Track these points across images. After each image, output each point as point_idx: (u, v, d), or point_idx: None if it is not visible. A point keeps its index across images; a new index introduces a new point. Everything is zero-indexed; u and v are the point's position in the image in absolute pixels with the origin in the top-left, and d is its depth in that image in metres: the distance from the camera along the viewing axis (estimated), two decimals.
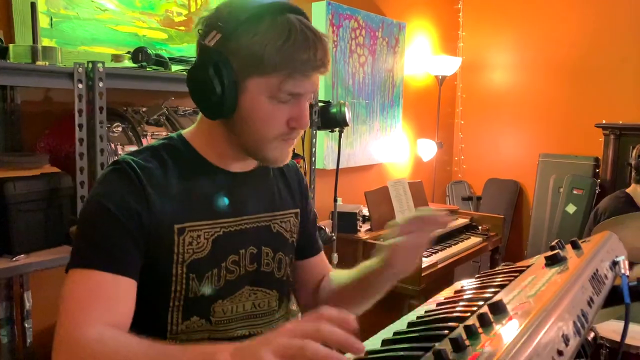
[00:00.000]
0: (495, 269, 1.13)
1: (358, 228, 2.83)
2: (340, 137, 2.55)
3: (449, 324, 0.71)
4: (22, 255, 1.47)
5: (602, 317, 1.37)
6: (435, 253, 2.89)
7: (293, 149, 1.04)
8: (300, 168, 2.36)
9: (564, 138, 4.14)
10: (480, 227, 3.45)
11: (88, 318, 0.80)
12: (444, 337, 0.66)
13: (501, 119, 4.46)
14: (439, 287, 1.18)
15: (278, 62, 0.89)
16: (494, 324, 0.64)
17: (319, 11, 3.05)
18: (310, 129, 2.54)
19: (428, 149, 4.10)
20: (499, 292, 0.83)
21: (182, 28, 2.30)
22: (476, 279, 1.06)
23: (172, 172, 0.96)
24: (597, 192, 3.82)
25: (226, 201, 0.99)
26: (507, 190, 4.40)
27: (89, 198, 0.93)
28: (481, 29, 4.52)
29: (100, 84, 1.56)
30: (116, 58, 1.83)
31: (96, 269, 0.84)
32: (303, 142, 2.45)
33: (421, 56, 4.13)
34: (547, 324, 0.61)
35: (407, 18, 3.91)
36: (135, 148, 1.52)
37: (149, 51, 1.78)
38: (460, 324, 0.69)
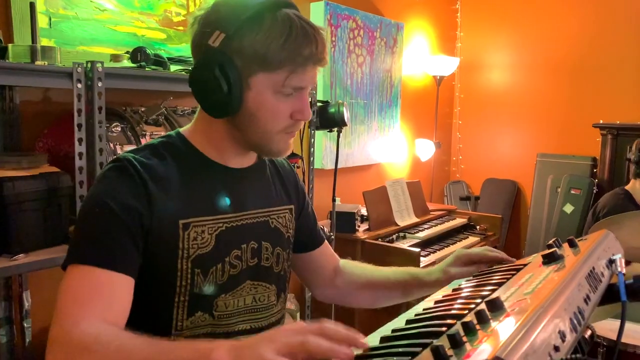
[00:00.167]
0: (493, 267, 1.14)
1: (356, 228, 2.84)
2: (338, 137, 2.55)
3: (446, 321, 0.71)
4: (21, 255, 1.47)
5: (599, 317, 1.38)
6: (433, 252, 2.89)
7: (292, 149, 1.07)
8: (299, 168, 2.38)
9: (562, 138, 4.16)
10: (478, 227, 3.46)
11: (84, 314, 0.80)
12: (442, 333, 0.67)
13: (499, 119, 4.47)
14: None
15: (282, 58, 0.91)
16: (491, 321, 0.65)
17: (317, 11, 3.05)
18: (308, 129, 2.54)
19: (426, 149, 4.11)
20: (497, 290, 0.84)
21: (181, 28, 2.30)
22: (474, 277, 1.07)
23: (173, 168, 0.97)
24: (594, 192, 3.83)
25: (227, 197, 1.01)
26: (505, 190, 4.41)
27: (89, 195, 0.94)
28: (479, 30, 4.53)
29: (100, 84, 1.56)
30: (115, 58, 1.83)
31: (95, 265, 0.85)
32: (301, 142, 2.45)
33: (419, 56, 4.14)
34: (544, 321, 0.62)
35: (405, 18, 3.92)
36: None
37: (148, 51, 1.78)
38: (457, 321, 0.69)
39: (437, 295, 0.99)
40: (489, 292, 0.83)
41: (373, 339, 0.77)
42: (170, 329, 0.94)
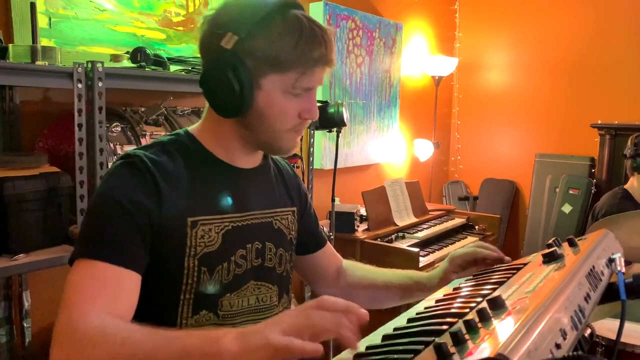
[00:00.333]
0: (493, 267, 1.14)
1: (355, 228, 2.84)
2: (337, 137, 2.55)
3: (448, 320, 0.72)
4: (21, 255, 1.47)
5: (597, 316, 1.39)
6: (432, 252, 2.90)
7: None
8: (298, 168, 2.38)
9: (560, 138, 4.17)
10: (476, 227, 3.46)
11: (90, 307, 0.80)
12: (444, 331, 0.67)
13: (497, 119, 4.48)
14: None
15: (294, 60, 0.93)
16: (493, 319, 0.65)
17: (317, 11, 3.06)
18: (308, 129, 2.55)
19: (425, 149, 4.11)
20: (498, 289, 0.84)
21: (181, 28, 2.31)
22: (474, 276, 1.07)
23: (182, 166, 0.97)
24: (592, 192, 3.84)
25: (234, 197, 1.01)
26: (504, 190, 4.42)
27: (99, 190, 0.94)
28: (477, 30, 4.54)
29: (100, 84, 1.57)
30: (115, 58, 1.84)
31: (102, 260, 0.85)
32: (301, 142, 2.45)
33: (418, 57, 4.14)
34: (545, 319, 0.62)
35: (404, 19, 3.93)
36: (134, 148, 1.53)
37: (148, 51, 1.78)
38: (459, 319, 0.70)
39: (438, 294, 1.00)
40: (489, 291, 0.83)
41: (375, 338, 0.77)
42: (175, 328, 0.95)
